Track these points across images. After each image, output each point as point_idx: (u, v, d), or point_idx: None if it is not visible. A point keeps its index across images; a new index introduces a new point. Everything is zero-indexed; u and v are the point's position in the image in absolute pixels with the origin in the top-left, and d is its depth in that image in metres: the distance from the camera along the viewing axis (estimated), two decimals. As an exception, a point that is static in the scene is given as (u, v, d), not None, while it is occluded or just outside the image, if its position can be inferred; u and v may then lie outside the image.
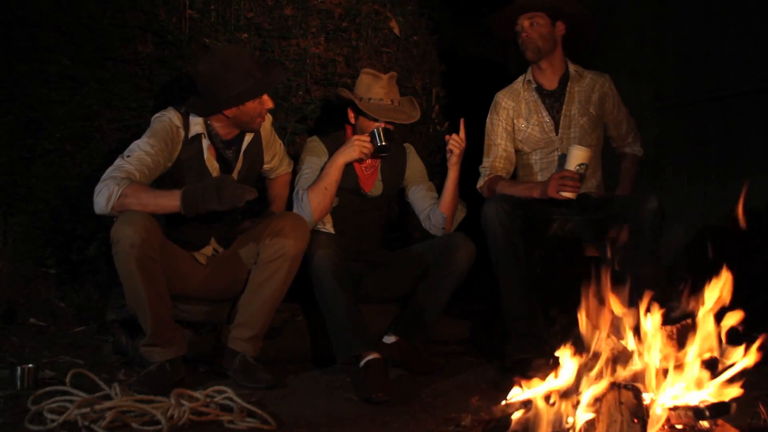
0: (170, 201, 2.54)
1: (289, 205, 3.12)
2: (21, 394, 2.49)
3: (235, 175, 2.86)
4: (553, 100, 3.29)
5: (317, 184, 2.99)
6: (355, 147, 2.99)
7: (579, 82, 3.30)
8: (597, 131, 3.31)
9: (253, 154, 2.93)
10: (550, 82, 3.30)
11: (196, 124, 2.77)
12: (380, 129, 2.99)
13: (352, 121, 3.12)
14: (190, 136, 2.76)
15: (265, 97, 2.77)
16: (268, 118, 2.99)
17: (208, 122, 2.78)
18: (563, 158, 3.10)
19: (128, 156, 2.61)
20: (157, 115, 2.76)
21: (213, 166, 2.81)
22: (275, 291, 2.80)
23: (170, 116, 2.74)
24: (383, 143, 2.99)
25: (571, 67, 3.30)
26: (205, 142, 2.79)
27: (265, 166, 3.07)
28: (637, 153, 3.45)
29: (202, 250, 2.90)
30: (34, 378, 2.59)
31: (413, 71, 3.90)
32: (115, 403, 2.28)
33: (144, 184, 2.58)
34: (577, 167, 2.97)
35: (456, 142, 3.05)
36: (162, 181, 2.71)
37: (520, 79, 3.36)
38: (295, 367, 3.01)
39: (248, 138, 2.89)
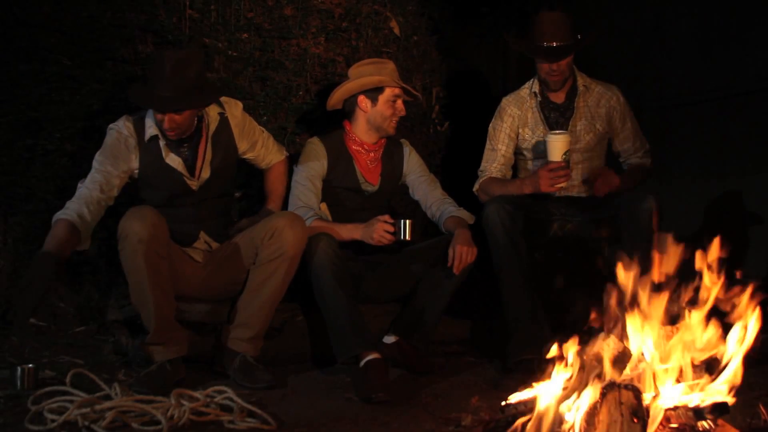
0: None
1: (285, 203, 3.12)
2: (21, 394, 2.49)
3: (207, 166, 2.86)
4: (558, 114, 3.27)
5: (325, 226, 2.99)
6: (375, 236, 2.91)
7: (586, 97, 3.27)
8: (601, 145, 3.30)
9: (224, 141, 2.92)
10: (558, 96, 3.28)
11: (150, 127, 2.79)
12: (408, 223, 2.89)
13: (367, 110, 3.10)
14: (147, 138, 2.78)
15: (168, 116, 2.70)
16: (238, 105, 2.98)
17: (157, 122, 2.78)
18: (543, 145, 3.08)
19: (84, 180, 2.71)
20: (110, 125, 2.81)
21: (175, 162, 2.82)
22: (275, 291, 2.80)
23: (119, 126, 2.79)
24: (407, 239, 2.90)
25: (579, 81, 3.27)
26: (162, 142, 2.80)
27: (248, 155, 3.05)
28: (645, 163, 3.34)
29: (194, 244, 2.91)
30: (34, 378, 2.58)
31: (413, 71, 3.89)
32: (115, 403, 2.28)
33: (92, 209, 2.64)
34: (563, 156, 2.98)
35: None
36: (136, 187, 2.80)
37: (527, 86, 3.33)
38: (295, 367, 3.01)
39: (213, 126, 2.88)
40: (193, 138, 2.85)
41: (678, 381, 1.90)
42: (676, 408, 1.85)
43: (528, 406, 1.92)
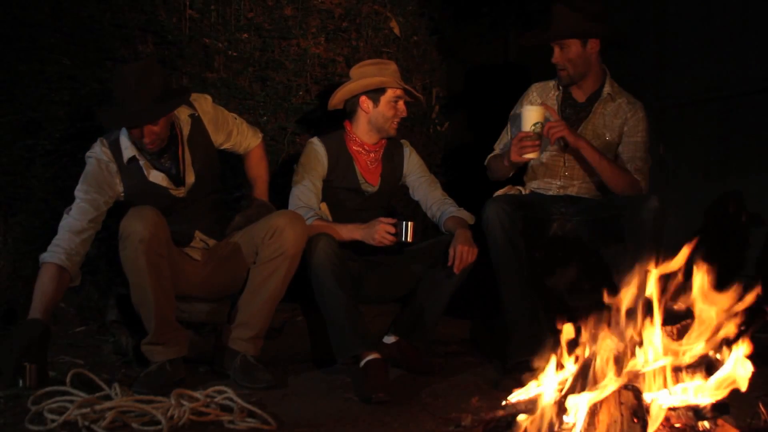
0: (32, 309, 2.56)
1: (284, 201, 3.12)
2: (21, 394, 2.48)
3: (190, 171, 2.84)
4: (574, 112, 3.24)
5: (325, 226, 2.99)
6: (376, 237, 2.92)
7: (606, 104, 3.23)
8: (608, 155, 3.27)
9: (201, 141, 2.90)
10: (579, 95, 3.27)
11: (127, 148, 2.77)
12: (410, 224, 2.89)
13: (368, 110, 3.10)
14: (125, 161, 2.76)
15: (146, 129, 2.67)
16: (207, 98, 2.96)
17: (134, 140, 2.75)
18: (518, 119, 3.08)
19: (70, 210, 2.67)
20: (87, 153, 2.78)
21: (159, 177, 2.80)
22: (275, 290, 2.81)
23: (97, 153, 2.76)
24: (407, 240, 2.90)
25: (606, 87, 3.24)
26: (141, 161, 2.78)
27: (226, 146, 3.04)
28: (633, 174, 3.18)
29: (191, 244, 2.91)
30: (34, 378, 2.58)
31: (413, 71, 3.90)
32: (115, 403, 2.28)
33: (84, 240, 2.64)
34: (533, 127, 2.98)
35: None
36: (126, 209, 2.73)
37: (556, 79, 3.33)
38: (295, 367, 3.01)
39: (186, 129, 2.86)
40: (170, 147, 2.83)
41: (677, 381, 1.90)
42: (676, 408, 1.85)
43: (528, 406, 1.92)
